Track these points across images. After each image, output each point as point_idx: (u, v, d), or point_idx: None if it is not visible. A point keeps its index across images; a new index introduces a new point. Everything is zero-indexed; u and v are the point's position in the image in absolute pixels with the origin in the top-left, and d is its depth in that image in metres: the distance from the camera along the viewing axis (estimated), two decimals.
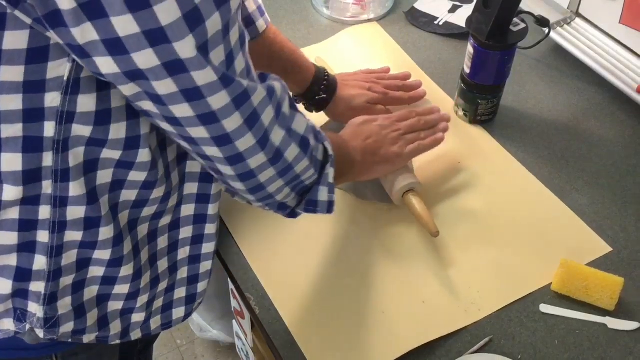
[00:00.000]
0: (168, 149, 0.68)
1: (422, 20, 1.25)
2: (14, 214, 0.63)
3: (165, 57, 0.51)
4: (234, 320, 1.20)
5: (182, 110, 0.56)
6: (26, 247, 0.65)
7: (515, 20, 0.96)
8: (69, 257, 0.68)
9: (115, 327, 0.77)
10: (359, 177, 0.90)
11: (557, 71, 1.15)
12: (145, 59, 0.51)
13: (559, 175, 0.98)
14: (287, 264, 0.88)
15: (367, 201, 0.95)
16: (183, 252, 0.78)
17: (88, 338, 0.75)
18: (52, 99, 0.57)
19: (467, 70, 1.01)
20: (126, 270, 0.71)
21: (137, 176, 0.65)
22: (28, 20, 0.51)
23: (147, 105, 0.57)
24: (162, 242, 0.75)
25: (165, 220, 0.74)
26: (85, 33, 0.50)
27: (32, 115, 0.58)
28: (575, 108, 1.09)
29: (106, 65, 0.52)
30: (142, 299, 0.76)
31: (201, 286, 0.82)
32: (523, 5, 0.95)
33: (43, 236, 0.65)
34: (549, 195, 0.95)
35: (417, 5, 1.27)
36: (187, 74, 0.53)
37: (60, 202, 0.63)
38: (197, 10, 0.51)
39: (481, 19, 0.94)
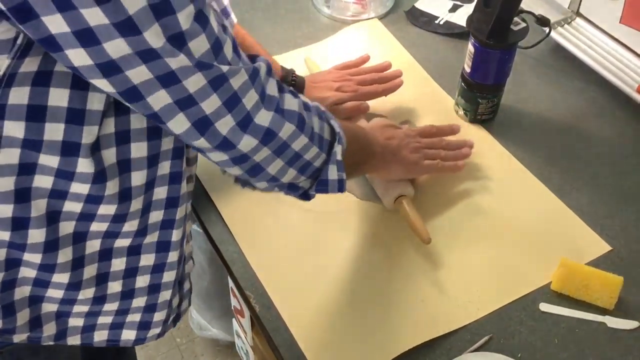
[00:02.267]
0: (134, 173, 0.64)
1: (422, 20, 1.25)
2: None
3: (136, 46, 0.51)
4: (233, 319, 1.20)
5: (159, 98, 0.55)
6: None
7: (516, 19, 0.96)
8: None
9: (50, 328, 0.73)
10: (376, 171, 0.90)
11: (557, 71, 1.15)
12: (116, 47, 0.50)
13: (558, 174, 0.98)
14: (287, 263, 0.88)
15: (366, 201, 0.95)
16: (142, 281, 0.74)
17: (18, 338, 0.72)
18: None
19: (468, 70, 1.01)
20: (61, 277, 0.68)
21: (79, 188, 0.62)
22: None
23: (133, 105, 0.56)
24: (118, 264, 0.71)
25: (123, 242, 0.69)
26: (55, 25, 0.48)
27: None
28: (576, 107, 1.09)
29: (78, 57, 0.51)
30: (81, 309, 0.73)
31: (158, 316, 0.77)
32: (523, 5, 0.95)
33: None
34: (548, 194, 0.95)
35: (417, 5, 1.28)
36: (161, 60, 0.52)
37: None
38: (165, 2, 0.50)
39: (482, 18, 0.94)
